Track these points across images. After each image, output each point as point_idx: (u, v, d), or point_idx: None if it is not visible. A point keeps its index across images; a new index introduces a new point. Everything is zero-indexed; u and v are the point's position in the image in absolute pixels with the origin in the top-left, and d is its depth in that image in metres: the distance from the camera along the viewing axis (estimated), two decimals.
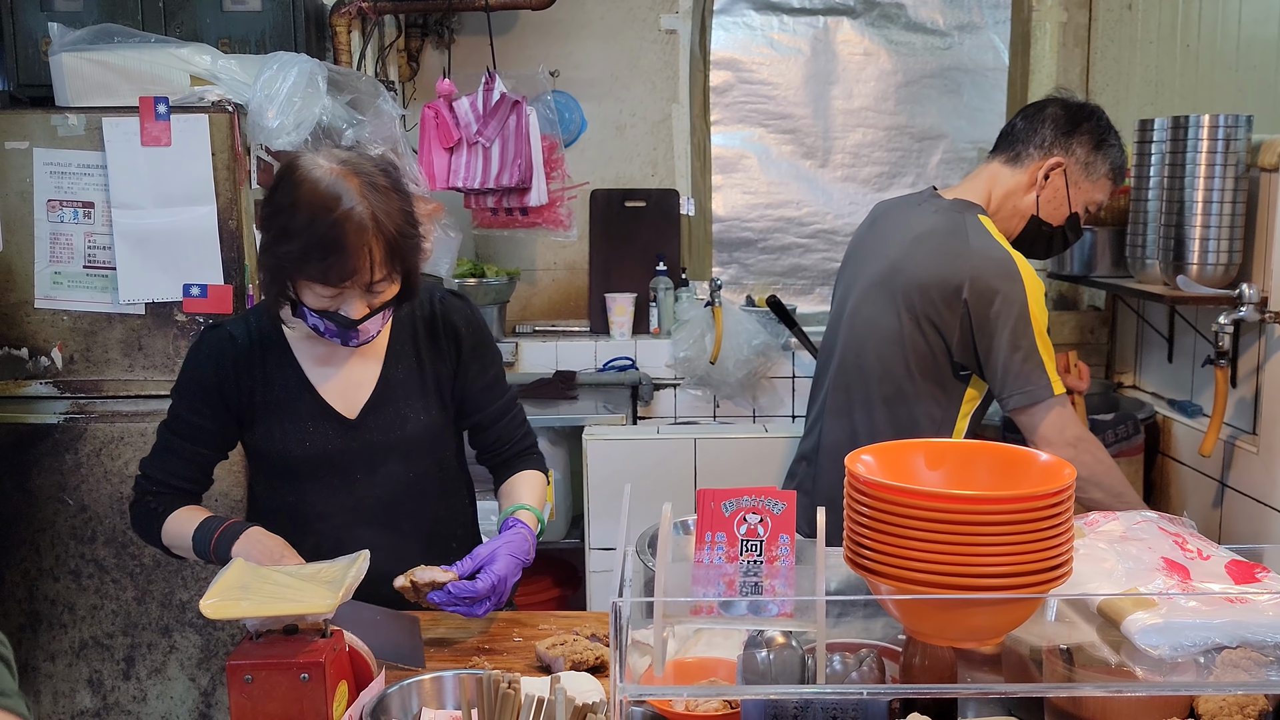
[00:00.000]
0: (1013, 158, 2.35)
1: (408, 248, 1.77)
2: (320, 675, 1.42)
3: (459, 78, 3.67)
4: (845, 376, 2.40)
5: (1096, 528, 1.34)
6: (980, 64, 3.98)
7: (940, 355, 2.25)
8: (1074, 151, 2.31)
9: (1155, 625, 1.15)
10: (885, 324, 2.29)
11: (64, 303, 2.68)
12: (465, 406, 2.02)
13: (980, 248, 2.20)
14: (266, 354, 1.91)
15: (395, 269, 1.76)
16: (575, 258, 3.98)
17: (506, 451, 2.07)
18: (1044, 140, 2.31)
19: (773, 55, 3.97)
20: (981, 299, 2.16)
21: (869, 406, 2.34)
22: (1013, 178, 2.34)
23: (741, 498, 1.11)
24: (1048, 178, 2.31)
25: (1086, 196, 2.35)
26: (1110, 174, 2.35)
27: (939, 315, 2.22)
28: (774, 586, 1.08)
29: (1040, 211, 2.34)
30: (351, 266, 1.69)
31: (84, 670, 2.79)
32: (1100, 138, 2.32)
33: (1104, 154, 2.33)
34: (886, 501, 1.08)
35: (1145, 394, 3.19)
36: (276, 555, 1.78)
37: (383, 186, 1.74)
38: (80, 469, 2.72)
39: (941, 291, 2.20)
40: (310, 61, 2.71)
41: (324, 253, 1.68)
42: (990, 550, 1.04)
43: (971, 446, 1.26)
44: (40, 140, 2.63)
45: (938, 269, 2.21)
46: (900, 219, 2.40)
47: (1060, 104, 2.35)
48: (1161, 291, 2.62)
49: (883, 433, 2.30)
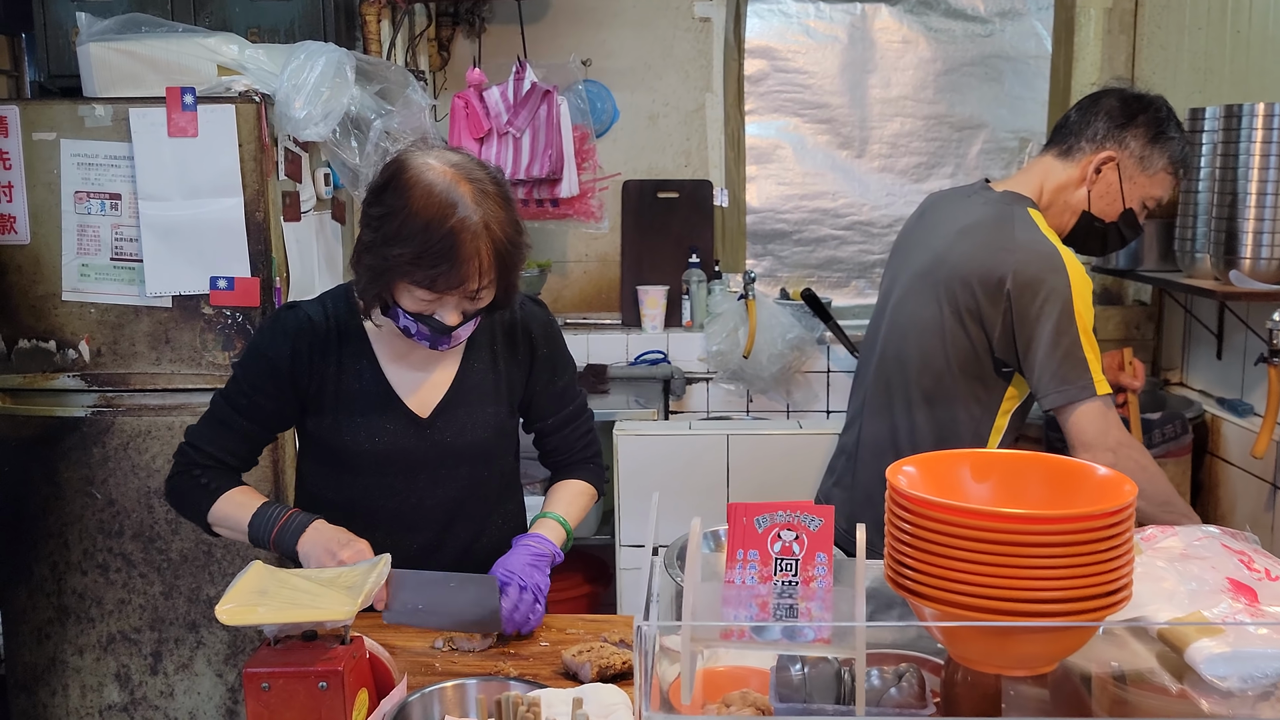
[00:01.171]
0: (1065, 151, 2.26)
1: (514, 258, 1.73)
2: (339, 684, 1.38)
3: (489, 67, 3.62)
4: (886, 371, 2.34)
5: (1154, 543, 1.26)
6: (1022, 51, 3.88)
7: (982, 351, 2.18)
8: (1128, 145, 2.20)
9: (1223, 655, 1.08)
10: (927, 317, 2.23)
11: (91, 295, 2.67)
12: (531, 411, 2.01)
13: (1026, 241, 2.13)
14: (343, 342, 1.86)
15: (498, 278, 1.72)
16: (607, 249, 3.92)
17: (566, 459, 2.06)
18: (1096, 133, 2.22)
19: (809, 43, 3.88)
20: (1024, 292, 2.09)
21: (908, 402, 2.28)
22: (1064, 171, 2.25)
23: (775, 513, 1.05)
24: (1099, 172, 2.22)
25: (1143, 192, 2.24)
26: (1169, 168, 2.23)
27: (981, 309, 2.15)
28: (810, 610, 1.02)
29: (1092, 207, 2.25)
30: (461, 275, 1.66)
31: (112, 665, 2.78)
32: (1158, 130, 2.21)
33: (1161, 147, 2.21)
34: (931, 519, 1.01)
35: (1193, 392, 3.10)
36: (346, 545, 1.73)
37: (493, 194, 1.70)
38: (108, 463, 2.71)
39: (984, 284, 2.13)
40: (338, 51, 2.68)
41: (435, 260, 1.64)
42: (1045, 574, 0.97)
43: (1021, 458, 1.19)
44: (67, 131, 2.61)
45: (981, 261, 2.15)
46: (948, 210, 2.33)
47: (1117, 95, 2.24)
48: (1212, 286, 2.53)
49: (922, 430, 2.25)
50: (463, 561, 1.92)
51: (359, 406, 1.86)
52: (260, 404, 1.87)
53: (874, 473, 2.34)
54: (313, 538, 1.76)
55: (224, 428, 1.88)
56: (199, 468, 1.87)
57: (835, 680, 1.32)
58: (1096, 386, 2.06)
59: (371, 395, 1.86)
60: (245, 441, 1.90)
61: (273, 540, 1.79)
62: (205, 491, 1.86)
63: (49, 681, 2.79)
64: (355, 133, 2.79)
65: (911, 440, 2.26)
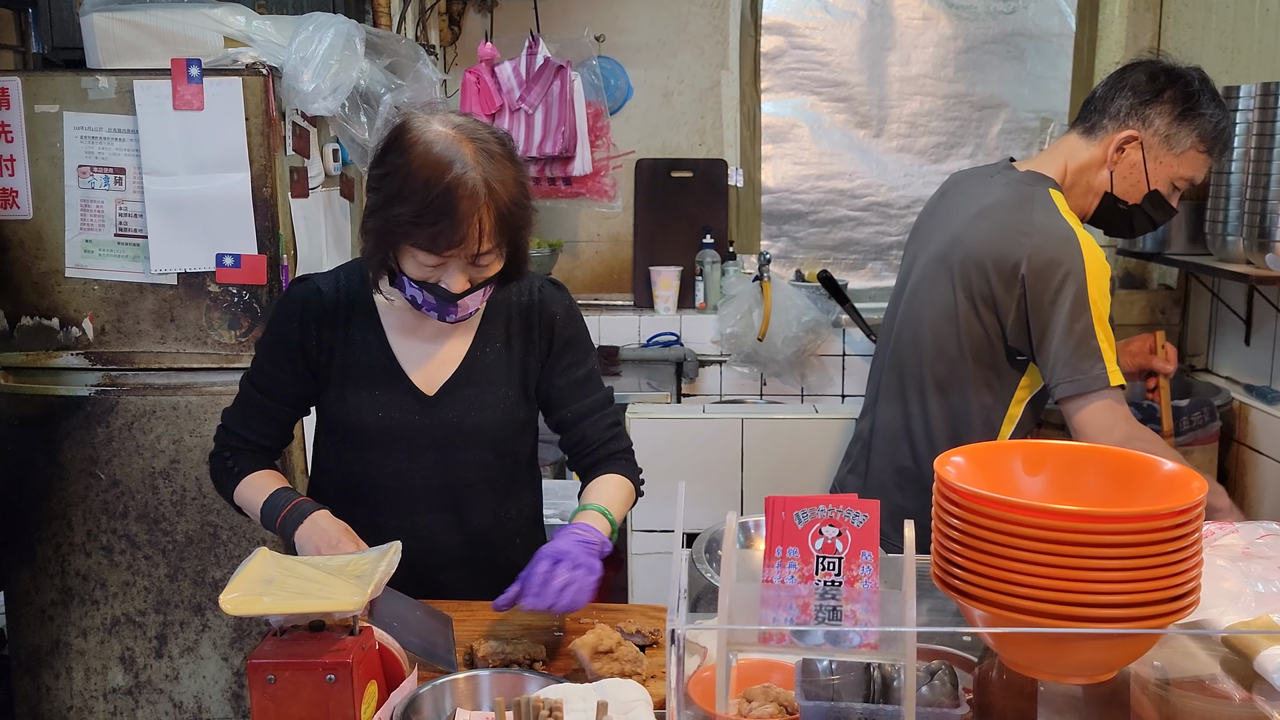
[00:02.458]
0: (1089, 129, 2.16)
1: (519, 220, 1.67)
2: (347, 676, 1.32)
3: (501, 42, 3.55)
4: (900, 356, 2.28)
5: (1213, 540, 1.20)
6: (1045, 29, 3.80)
7: (995, 338, 2.11)
8: (1152, 123, 2.09)
9: None
10: (942, 301, 2.16)
11: (95, 272, 2.61)
12: (552, 401, 1.91)
13: (1043, 224, 2.04)
14: (352, 314, 1.82)
15: (503, 242, 1.67)
16: (620, 229, 3.86)
17: (593, 453, 1.92)
18: (1119, 110, 2.11)
19: (827, 20, 3.81)
20: (1039, 277, 2.01)
21: (921, 389, 2.22)
22: (1087, 151, 2.15)
23: (817, 507, 0.98)
24: (1121, 151, 2.12)
25: (1170, 172, 2.13)
26: (1201, 145, 2.11)
27: (995, 294, 2.08)
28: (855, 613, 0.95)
29: (1114, 188, 2.15)
30: (460, 234, 1.61)
31: (116, 647, 2.74)
32: (1187, 106, 2.09)
33: (1190, 124, 2.09)
34: (983, 515, 0.95)
35: (1220, 379, 3.03)
36: (335, 543, 1.68)
37: (497, 154, 1.65)
38: (112, 443, 2.66)
39: (999, 268, 2.06)
40: (347, 23, 2.61)
41: (434, 218, 1.60)
42: (1107, 577, 0.91)
43: (1077, 450, 1.12)
44: (70, 104, 2.55)
45: (997, 244, 2.07)
46: (969, 191, 2.26)
47: (1145, 68, 2.13)
48: (1244, 270, 2.46)
49: (935, 418, 2.19)
50: (473, 546, 1.86)
51: (364, 380, 1.81)
52: (280, 381, 1.84)
53: (887, 461, 2.29)
54: (307, 531, 1.71)
55: (250, 409, 1.87)
56: (229, 450, 1.87)
57: (865, 678, 1.27)
58: (1110, 378, 1.97)
59: (377, 369, 1.81)
60: (272, 421, 1.88)
61: (278, 528, 1.75)
62: (230, 475, 1.86)
63: (52, 664, 2.75)
64: (364, 107, 2.73)
65: (926, 429, 2.21)
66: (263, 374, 1.86)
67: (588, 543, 1.72)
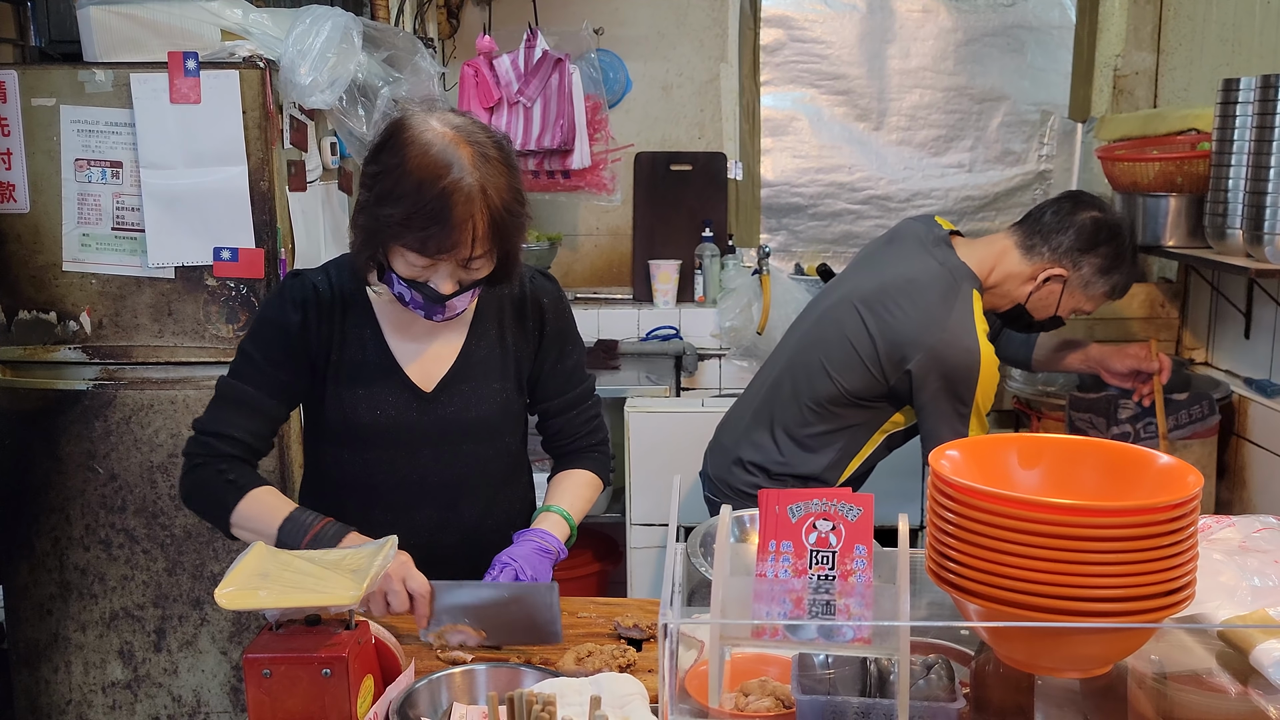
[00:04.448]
0: (1028, 247, 2.36)
1: (512, 227, 1.65)
2: (343, 670, 1.32)
3: (500, 35, 3.54)
4: (794, 366, 2.46)
5: (1209, 534, 1.20)
6: (1045, 21, 3.78)
7: (881, 392, 2.35)
8: (1081, 268, 2.33)
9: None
10: (851, 339, 2.35)
11: (92, 265, 2.61)
12: (537, 391, 1.93)
13: (956, 330, 2.25)
14: (347, 310, 1.80)
15: (495, 247, 1.65)
16: (619, 223, 3.85)
17: (569, 445, 1.97)
18: (1060, 246, 2.33)
19: (826, 12, 3.79)
20: (931, 371, 2.24)
21: (798, 401, 2.42)
22: (1019, 265, 2.36)
23: (810, 501, 0.98)
24: (1047, 281, 2.35)
25: (1076, 305, 2.39)
26: (1108, 294, 2.39)
27: (888, 363, 2.30)
28: (849, 607, 0.95)
29: (1028, 304, 2.39)
30: (453, 240, 1.59)
31: (115, 641, 2.74)
32: (1112, 263, 2.33)
33: (1108, 278, 2.35)
34: (978, 509, 0.94)
35: (1219, 372, 3.02)
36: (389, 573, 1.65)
37: (494, 158, 1.63)
38: (110, 437, 2.66)
39: (901, 343, 2.28)
40: (345, 16, 2.60)
41: (426, 221, 1.57)
42: (1103, 571, 0.90)
43: (1072, 443, 1.11)
44: (67, 97, 2.55)
45: (911, 323, 2.28)
46: (909, 252, 2.41)
47: (1093, 217, 2.33)
48: (1244, 263, 2.45)
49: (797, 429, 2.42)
50: (469, 541, 1.87)
51: (361, 377, 1.80)
52: (275, 375, 1.79)
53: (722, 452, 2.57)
54: None
55: (240, 408, 1.77)
56: (223, 460, 1.75)
57: (861, 672, 1.26)
58: None
59: (374, 366, 1.80)
60: (264, 419, 1.79)
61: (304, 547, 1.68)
62: (231, 488, 1.73)
63: (51, 658, 2.75)
64: (362, 101, 2.72)
65: (787, 435, 2.44)
66: (255, 368, 1.78)
67: (544, 551, 1.79)
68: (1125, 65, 3.70)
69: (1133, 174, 2.85)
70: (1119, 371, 2.58)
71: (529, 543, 1.79)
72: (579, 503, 1.92)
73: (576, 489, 1.93)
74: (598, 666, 1.51)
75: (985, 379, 2.24)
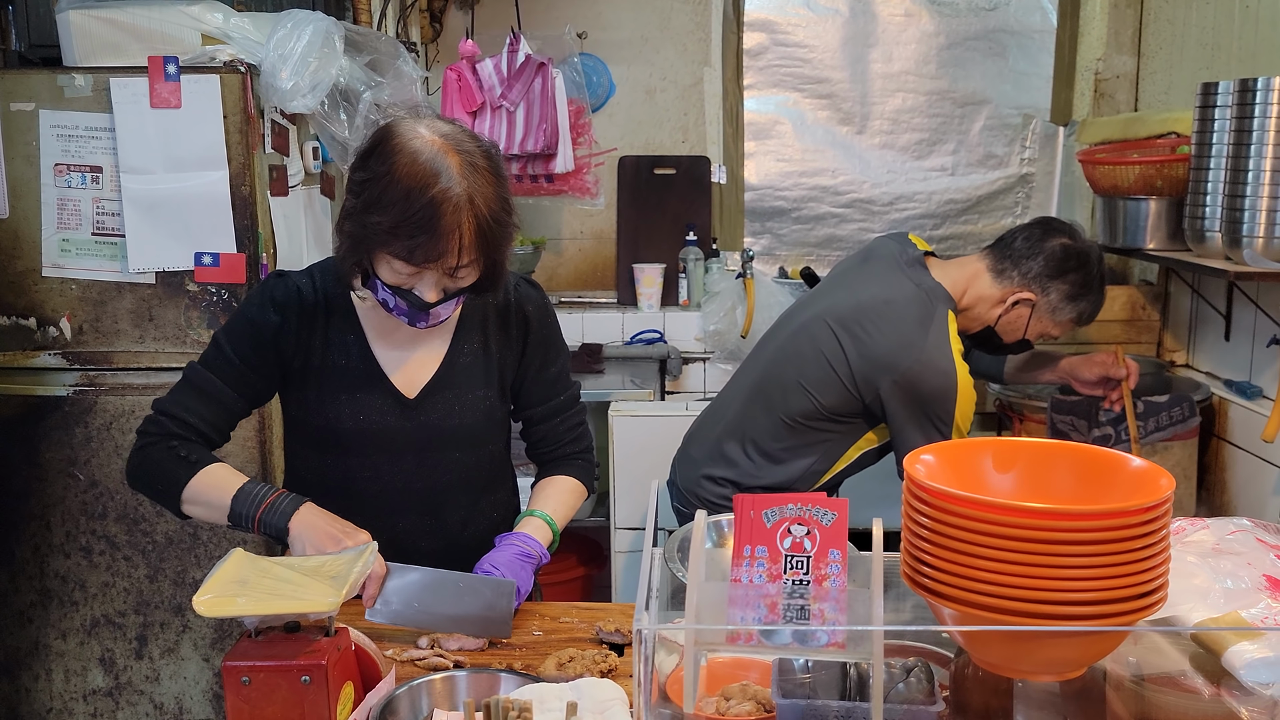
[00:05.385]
0: (999, 272, 2.40)
1: (499, 236, 1.65)
2: (322, 677, 1.32)
3: (483, 39, 3.53)
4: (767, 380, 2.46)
5: (1183, 537, 1.20)
6: (1027, 25, 3.80)
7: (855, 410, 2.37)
8: (1049, 294, 2.37)
9: (1265, 659, 1.02)
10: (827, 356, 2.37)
11: (72, 271, 2.59)
12: (520, 398, 1.93)
13: (933, 351, 2.27)
14: (331, 315, 1.79)
15: (481, 256, 1.65)
16: (603, 227, 3.85)
17: (553, 452, 1.97)
18: (1030, 271, 2.37)
19: (809, 16, 3.80)
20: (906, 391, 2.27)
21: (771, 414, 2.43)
22: (990, 288, 2.40)
23: (785, 506, 0.98)
24: (1016, 304, 2.38)
25: (1044, 329, 2.44)
26: (1075, 320, 2.43)
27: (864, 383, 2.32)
28: (823, 611, 0.95)
29: (998, 327, 2.43)
30: (439, 249, 1.59)
31: (96, 649, 2.72)
32: (1080, 290, 2.37)
33: (1075, 305, 2.39)
34: (952, 513, 0.95)
35: (1199, 374, 3.04)
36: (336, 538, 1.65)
37: (483, 168, 1.63)
38: (90, 443, 2.64)
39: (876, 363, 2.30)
40: (326, 20, 2.60)
41: (414, 230, 1.57)
42: (1076, 575, 0.91)
43: (1047, 446, 1.12)
44: (46, 101, 2.53)
45: (887, 344, 2.30)
46: (884, 272, 2.44)
47: (1062, 244, 2.37)
48: (1223, 266, 2.46)
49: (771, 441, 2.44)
50: (452, 548, 1.86)
51: (345, 383, 1.79)
52: (244, 373, 1.79)
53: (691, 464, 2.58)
54: (307, 519, 1.68)
55: (204, 396, 1.78)
56: (176, 439, 1.75)
57: (841, 676, 1.27)
58: None
59: (358, 372, 1.79)
60: (224, 411, 1.79)
61: (258, 521, 1.69)
62: (184, 464, 1.73)
63: (31, 665, 2.73)
64: (344, 105, 2.71)
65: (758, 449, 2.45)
66: (227, 362, 1.78)
67: (526, 556, 1.79)
68: (1106, 69, 3.72)
69: (1113, 177, 2.86)
70: (1088, 380, 2.61)
71: (511, 547, 1.79)
72: (562, 508, 1.91)
73: (560, 495, 1.93)
74: (579, 671, 1.51)
75: (963, 400, 2.28)
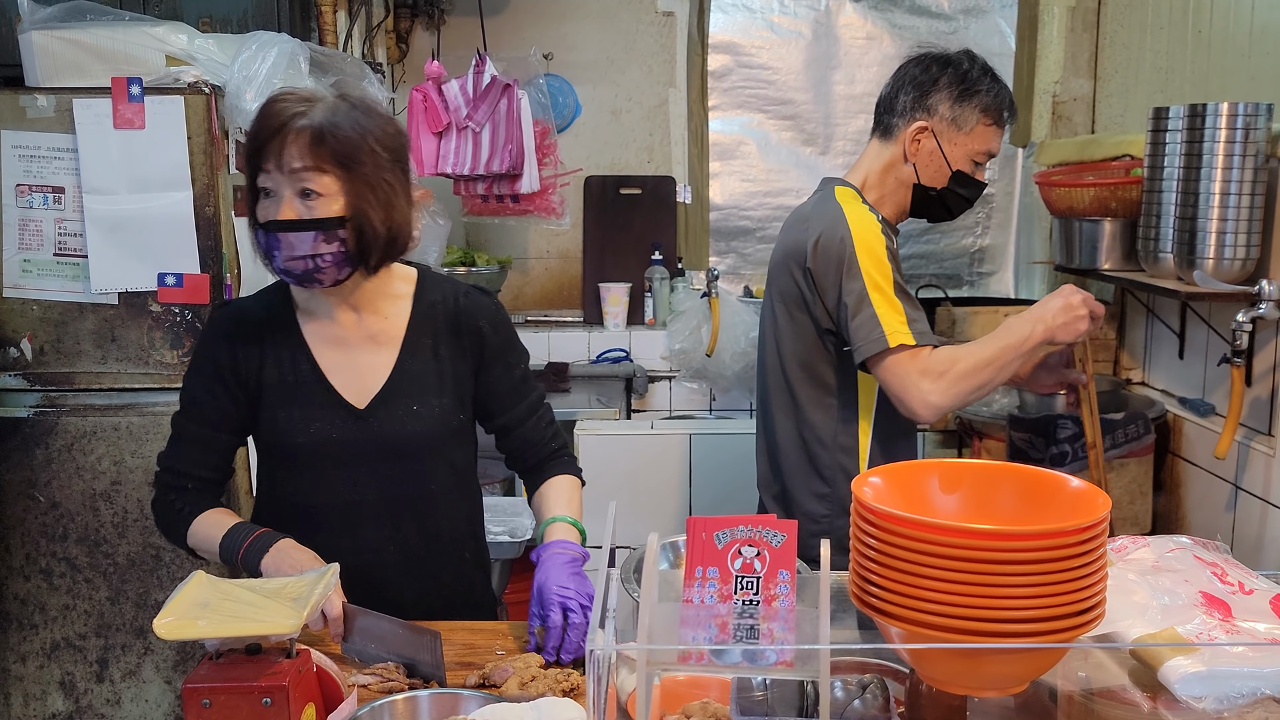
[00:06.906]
0: (884, 132, 2.27)
1: (348, 147, 1.67)
2: (284, 699, 1.32)
3: (449, 60, 3.56)
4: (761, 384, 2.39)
5: (1125, 554, 1.24)
6: (986, 49, 3.85)
7: (813, 342, 2.21)
8: (936, 109, 2.20)
9: (1198, 674, 1.05)
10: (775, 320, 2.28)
11: (33, 291, 2.58)
12: (490, 408, 1.92)
13: (819, 212, 2.18)
14: (275, 331, 1.81)
15: (327, 168, 1.66)
16: (568, 246, 3.88)
17: (535, 455, 1.96)
18: (905, 106, 2.22)
19: (773, 39, 3.86)
20: (819, 259, 2.13)
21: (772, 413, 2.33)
22: (889, 151, 2.26)
23: (736, 528, 1.00)
24: (917, 142, 2.22)
25: (966, 150, 2.23)
26: (987, 119, 2.21)
27: (800, 289, 2.19)
28: (772, 631, 0.97)
29: (920, 178, 2.25)
30: (278, 143, 1.65)
31: (56, 672, 2.69)
32: (963, 87, 2.19)
33: (971, 102, 2.19)
34: (897, 534, 0.97)
35: (1154, 391, 3.09)
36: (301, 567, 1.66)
37: (352, 100, 1.72)
38: (51, 464, 2.62)
39: (796, 264, 2.19)
40: (291, 41, 2.61)
41: (256, 134, 1.68)
42: (1016, 593, 0.94)
43: (992, 468, 1.15)
44: (8, 122, 2.53)
45: (791, 243, 2.22)
46: (789, 219, 2.38)
47: (917, 61, 2.23)
48: (1175, 286, 2.51)
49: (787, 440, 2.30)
50: (413, 563, 1.85)
51: (294, 397, 1.80)
52: (217, 408, 1.82)
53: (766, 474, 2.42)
54: (274, 558, 1.70)
55: (191, 443, 1.83)
56: (174, 491, 1.83)
57: (798, 693, 1.29)
58: (889, 339, 2.04)
59: (306, 385, 1.80)
60: (212, 452, 1.84)
61: (240, 561, 1.73)
62: (180, 518, 1.82)
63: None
64: None
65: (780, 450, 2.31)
66: (196, 403, 1.82)
67: (573, 562, 1.78)
68: (1063, 92, 3.79)
69: (1069, 199, 2.92)
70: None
71: (565, 566, 1.75)
72: (575, 506, 1.90)
73: (569, 494, 1.92)
74: (541, 691, 1.52)
75: (861, 238, 2.09)
